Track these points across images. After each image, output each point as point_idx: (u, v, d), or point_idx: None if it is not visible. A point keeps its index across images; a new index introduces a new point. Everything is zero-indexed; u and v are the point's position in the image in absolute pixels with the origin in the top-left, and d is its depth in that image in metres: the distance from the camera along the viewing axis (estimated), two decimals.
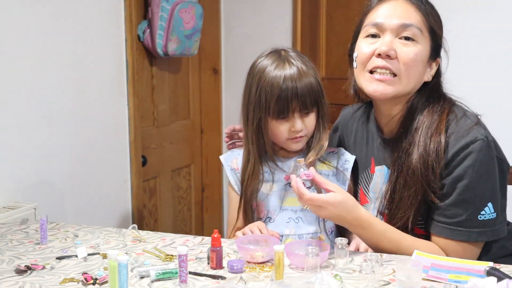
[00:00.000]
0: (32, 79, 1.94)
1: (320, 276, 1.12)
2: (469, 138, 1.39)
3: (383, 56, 1.43)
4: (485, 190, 1.39)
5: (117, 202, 2.43)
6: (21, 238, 1.58)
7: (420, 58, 1.44)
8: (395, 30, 1.43)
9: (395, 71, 1.43)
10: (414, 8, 1.45)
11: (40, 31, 1.96)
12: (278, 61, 1.54)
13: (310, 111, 1.54)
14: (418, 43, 1.44)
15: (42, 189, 1.98)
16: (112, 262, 1.15)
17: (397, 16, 1.44)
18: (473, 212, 1.38)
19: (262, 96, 1.52)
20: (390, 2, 1.47)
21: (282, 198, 1.59)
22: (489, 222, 1.38)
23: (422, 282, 1.18)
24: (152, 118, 2.81)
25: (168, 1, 2.63)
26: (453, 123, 1.43)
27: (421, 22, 1.44)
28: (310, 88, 1.52)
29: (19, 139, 1.89)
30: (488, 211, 1.38)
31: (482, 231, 1.38)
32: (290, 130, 1.54)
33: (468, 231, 1.38)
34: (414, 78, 1.45)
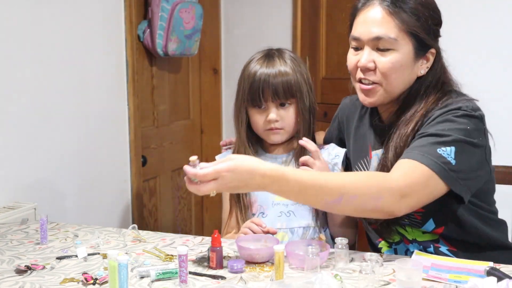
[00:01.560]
0: (32, 79, 1.94)
1: (320, 276, 1.12)
2: (452, 106, 1.42)
3: (362, 69, 1.48)
4: (455, 135, 1.37)
5: (117, 202, 2.43)
6: (21, 238, 1.58)
7: (399, 64, 1.46)
8: (371, 43, 1.47)
9: (376, 81, 1.48)
10: (388, 16, 1.45)
11: (40, 31, 1.96)
12: (264, 58, 1.64)
13: (286, 103, 1.61)
14: (395, 50, 1.45)
15: (42, 189, 1.98)
16: (112, 262, 1.15)
17: (371, 28, 1.46)
18: (434, 143, 1.36)
19: (241, 86, 1.65)
20: (367, 9, 1.48)
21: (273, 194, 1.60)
22: (446, 161, 1.34)
23: (422, 282, 1.18)
24: (152, 118, 2.81)
25: (168, 1, 2.63)
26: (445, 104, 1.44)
27: (395, 29, 1.44)
28: (285, 80, 1.59)
29: (19, 139, 1.89)
30: (448, 151, 1.35)
31: (437, 162, 1.34)
32: (266, 120, 1.61)
33: (422, 154, 1.35)
34: (397, 83, 1.48)
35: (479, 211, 1.50)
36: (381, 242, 1.58)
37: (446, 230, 1.47)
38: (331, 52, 2.97)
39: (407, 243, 1.52)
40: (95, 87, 2.25)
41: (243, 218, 1.64)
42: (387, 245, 1.57)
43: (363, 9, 1.50)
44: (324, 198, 1.30)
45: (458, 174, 1.36)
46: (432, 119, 1.43)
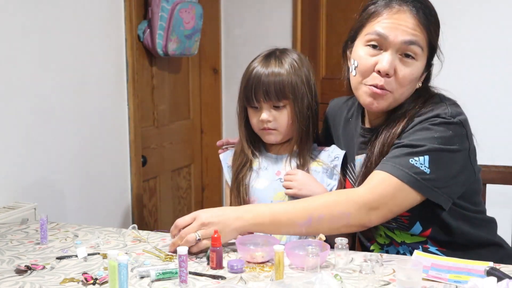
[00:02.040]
0: (32, 79, 1.94)
1: (320, 276, 1.12)
2: (430, 114, 1.41)
3: (382, 74, 1.42)
4: (429, 144, 1.36)
5: (117, 202, 2.43)
6: (21, 238, 1.58)
7: (416, 75, 1.45)
8: (397, 46, 1.41)
9: (390, 89, 1.43)
10: (419, 24, 1.41)
11: (40, 31, 1.96)
12: (264, 57, 1.64)
13: (279, 104, 1.60)
14: (417, 61, 1.43)
15: (42, 189, 1.98)
16: (112, 262, 1.15)
17: (402, 31, 1.40)
18: (406, 154, 1.37)
19: (240, 85, 1.66)
20: (397, 13, 1.42)
21: (273, 193, 1.64)
22: (417, 171, 1.35)
23: (422, 282, 1.18)
24: (152, 118, 2.81)
25: (168, 1, 2.63)
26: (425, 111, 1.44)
27: (424, 39, 1.42)
28: (279, 80, 1.59)
29: (19, 139, 1.89)
30: (421, 161, 1.36)
31: (407, 172, 1.35)
32: (259, 119, 1.62)
33: (393, 165, 1.37)
34: (407, 92, 1.47)
35: (465, 212, 1.49)
36: (373, 245, 1.59)
37: (433, 232, 1.47)
38: (331, 52, 2.98)
39: (397, 245, 1.53)
40: (95, 87, 2.25)
41: None
42: (379, 247, 1.57)
43: (389, 10, 1.43)
44: (295, 221, 1.38)
45: (433, 183, 1.37)
46: (410, 127, 1.43)
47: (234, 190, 1.68)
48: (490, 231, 1.58)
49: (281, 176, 1.65)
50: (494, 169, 1.83)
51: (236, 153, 1.71)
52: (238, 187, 1.67)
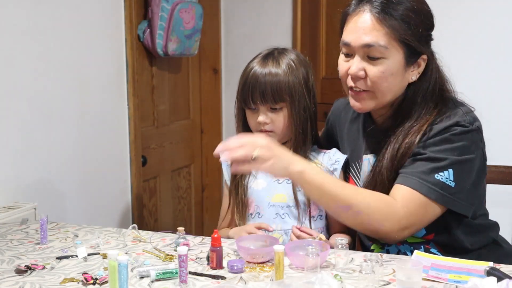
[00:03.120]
0: (32, 79, 1.94)
1: (320, 276, 1.13)
2: (450, 122, 1.42)
3: (353, 78, 1.47)
4: (451, 157, 1.39)
5: (117, 202, 2.43)
6: (21, 238, 1.58)
7: (390, 72, 1.45)
8: (361, 50, 1.45)
9: (368, 89, 1.47)
10: (378, 23, 1.43)
11: (40, 31, 1.96)
12: (262, 58, 1.63)
13: (276, 106, 1.59)
14: (386, 59, 1.44)
15: (42, 189, 1.98)
16: (112, 262, 1.15)
17: (361, 35, 1.44)
18: (431, 169, 1.39)
19: (238, 87, 1.64)
20: (357, 14, 1.46)
21: (270, 194, 1.64)
22: (444, 186, 1.38)
23: (422, 282, 1.18)
24: (152, 118, 2.81)
25: (168, 1, 2.63)
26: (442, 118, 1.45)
27: (386, 36, 1.42)
28: (275, 82, 1.57)
29: (19, 139, 1.89)
30: (446, 175, 1.38)
31: (435, 189, 1.38)
32: (256, 121, 1.61)
33: (420, 182, 1.39)
34: (388, 90, 1.47)
35: (469, 220, 1.50)
36: (373, 244, 1.59)
37: (436, 237, 1.49)
38: (331, 52, 2.97)
39: (398, 244, 1.53)
40: (95, 87, 2.25)
41: (241, 217, 1.66)
42: (379, 247, 1.57)
43: (353, 15, 1.47)
44: (336, 200, 1.38)
45: (458, 195, 1.40)
46: (431, 136, 1.43)
47: (232, 191, 1.68)
48: (492, 233, 1.58)
49: (279, 177, 1.64)
50: (494, 169, 1.83)
51: None
52: (236, 188, 1.67)
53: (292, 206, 1.61)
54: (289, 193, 1.62)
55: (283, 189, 1.63)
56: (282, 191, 1.63)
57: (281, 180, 1.64)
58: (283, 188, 1.64)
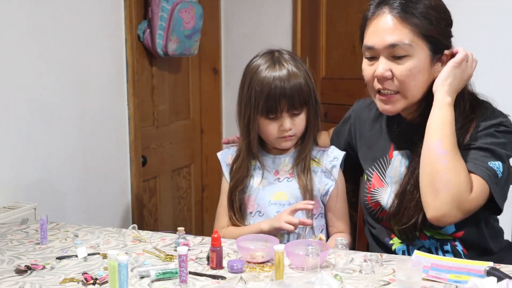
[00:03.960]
0: (32, 79, 1.94)
1: (320, 276, 1.13)
2: (495, 121, 1.46)
3: (380, 79, 1.47)
4: (501, 152, 1.42)
5: (117, 202, 2.43)
6: (21, 238, 1.58)
7: (417, 69, 1.45)
8: (385, 51, 1.46)
9: (396, 89, 1.47)
10: (400, 22, 1.44)
11: (40, 31, 1.96)
12: (270, 62, 1.61)
13: (299, 111, 1.61)
14: (412, 57, 1.45)
15: (42, 189, 1.98)
16: (112, 262, 1.15)
17: (384, 36, 1.45)
18: (484, 157, 1.41)
19: (252, 95, 1.60)
20: (377, 17, 1.47)
21: (271, 193, 1.64)
22: (495, 174, 1.40)
23: (422, 282, 1.18)
24: (152, 118, 2.81)
25: (168, 1, 2.63)
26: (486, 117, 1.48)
27: (409, 34, 1.44)
28: (299, 88, 1.58)
29: (19, 139, 1.89)
30: (497, 165, 1.41)
31: (487, 173, 1.39)
32: (279, 129, 1.61)
33: (475, 163, 1.40)
34: (417, 87, 1.48)
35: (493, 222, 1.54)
36: (393, 239, 1.57)
37: (465, 235, 1.48)
38: (331, 52, 2.97)
39: (424, 238, 1.51)
40: (95, 87, 2.25)
41: (240, 216, 1.66)
42: (399, 242, 1.56)
43: (373, 18, 1.49)
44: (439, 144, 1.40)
45: (502, 187, 1.43)
46: (478, 131, 1.45)
47: (234, 190, 1.68)
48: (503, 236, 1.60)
49: (279, 176, 1.66)
50: None
51: (235, 156, 1.71)
52: (237, 186, 1.67)
53: (293, 204, 1.60)
54: (290, 191, 1.63)
55: (284, 187, 1.64)
56: (283, 189, 1.63)
57: (282, 178, 1.65)
58: (284, 186, 1.64)
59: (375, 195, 1.59)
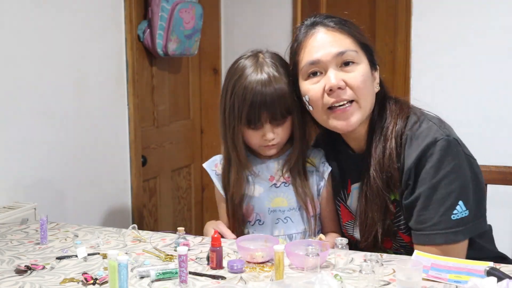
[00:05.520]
0: (32, 79, 1.94)
1: (320, 276, 1.12)
2: (428, 139, 1.39)
3: (334, 90, 1.42)
4: (453, 189, 1.37)
5: (117, 202, 2.43)
6: (21, 238, 1.58)
7: (367, 76, 1.45)
8: (333, 61, 1.43)
9: (351, 98, 1.43)
10: (340, 33, 1.45)
11: (40, 31, 1.96)
12: (253, 68, 1.53)
13: (282, 121, 1.54)
14: (359, 64, 1.45)
15: (42, 189, 1.98)
16: (112, 262, 1.15)
17: (329, 48, 1.44)
18: (445, 213, 1.37)
19: (235, 105, 1.53)
20: (314, 35, 1.46)
21: (270, 200, 1.61)
22: (463, 220, 1.37)
23: (422, 282, 1.17)
24: (152, 118, 2.81)
25: (168, 1, 2.63)
26: (412, 127, 1.43)
27: (351, 43, 1.45)
28: (280, 97, 1.50)
29: (19, 139, 1.89)
30: (460, 209, 1.37)
31: (458, 230, 1.37)
32: (262, 138, 1.55)
33: (444, 233, 1.37)
34: (369, 96, 1.46)
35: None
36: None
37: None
38: None
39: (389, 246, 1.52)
40: (95, 87, 2.25)
41: (240, 225, 1.62)
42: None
43: (308, 38, 1.47)
44: None
45: (475, 217, 1.40)
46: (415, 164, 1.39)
47: (230, 201, 1.62)
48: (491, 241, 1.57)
49: (275, 181, 1.61)
50: (494, 169, 1.83)
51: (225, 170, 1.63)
52: (233, 198, 1.61)
53: (294, 209, 1.59)
54: (289, 196, 1.60)
55: (282, 192, 1.60)
56: (281, 195, 1.60)
57: (278, 184, 1.61)
58: (282, 192, 1.60)
59: (348, 229, 1.61)
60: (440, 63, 2.59)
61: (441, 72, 2.59)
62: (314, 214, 1.61)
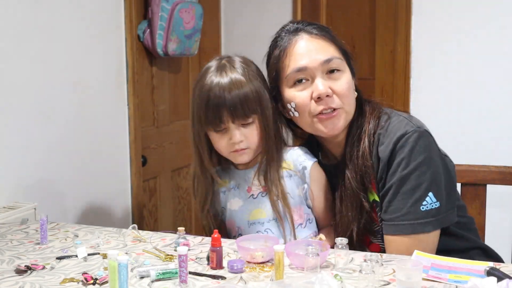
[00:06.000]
0: (32, 79, 1.94)
1: (320, 276, 1.12)
2: (400, 133, 1.41)
3: (323, 98, 1.44)
4: (423, 180, 1.39)
5: (117, 202, 2.43)
6: (21, 238, 1.58)
7: (351, 83, 1.49)
8: (320, 69, 1.45)
9: (339, 106, 1.46)
10: (324, 41, 1.47)
11: (40, 31, 1.96)
12: (214, 71, 1.50)
13: (247, 120, 1.47)
14: (344, 71, 1.47)
15: (42, 189, 1.98)
16: (112, 262, 1.15)
17: (315, 55, 1.45)
18: (414, 204, 1.39)
19: (197, 106, 1.49)
20: (299, 44, 1.47)
21: (248, 212, 1.57)
22: (432, 211, 1.39)
23: (422, 282, 1.17)
24: (152, 118, 2.81)
25: (168, 1, 2.63)
26: (383, 126, 1.45)
27: (336, 50, 1.48)
28: (243, 97, 1.44)
29: (19, 139, 1.89)
30: (430, 201, 1.38)
31: (427, 221, 1.38)
32: (229, 142, 1.48)
33: (411, 223, 1.39)
34: (353, 102, 1.50)
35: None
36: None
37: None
38: None
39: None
40: (95, 87, 2.25)
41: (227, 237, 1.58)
42: None
43: (292, 45, 1.48)
44: None
45: (446, 208, 1.41)
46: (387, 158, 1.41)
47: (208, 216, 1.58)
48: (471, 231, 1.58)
49: (253, 192, 1.56)
50: (494, 169, 1.83)
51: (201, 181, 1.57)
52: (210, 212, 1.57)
53: (275, 219, 1.53)
54: (267, 206, 1.54)
55: (260, 203, 1.55)
56: (259, 206, 1.55)
57: (256, 194, 1.56)
58: (260, 203, 1.55)
59: None
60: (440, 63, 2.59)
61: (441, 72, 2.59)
62: (302, 222, 1.55)
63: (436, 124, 2.53)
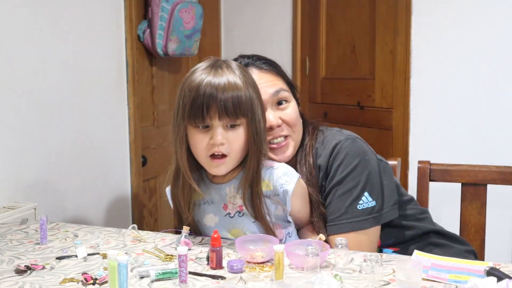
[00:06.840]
0: (32, 79, 1.94)
1: (320, 276, 1.12)
2: (334, 142, 1.52)
3: (274, 128, 1.53)
4: (358, 181, 1.48)
5: (117, 202, 2.43)
6: (21, 238, 1.58)
7: (297, 112, 1.58)
8: (270, 101, 1.53)
9: (287, 134, 1.56)
10: (272, 74, 1.57)
11: (40, 31, 1.96)
12: (209, 68, 1.41)
13: (235, 121, 1.37)
14: (291, 102, 1.57)
15: (42, 189, 1.98)
16: (112, 262, 1.15)
17: (266, 88, 1.53)
18: (351, 204, 1.48)
19: (181, 100, 1.39)
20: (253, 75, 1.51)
21: (227, 231, 1.50)
22: (368, 210, 1.48)
23: (422, 282, 1.18)
24: (152, 118, 2.81)
25: (168, 1, 2.63)
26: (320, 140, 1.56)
27: (283, 83, 1.57)
28: (235, 97, 1.35)
29: (19, 139, 1.89)
30: (366, 200, 1.48)
31: (364, 219, 1.47)
32: (209, 142, 1.37)
33: (350, 222, 1.47)
34: (300, 129, 1.60)
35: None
36: None
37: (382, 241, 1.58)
38: (331, 52, 2.98)
39: None
40: (95, 87, 2.25)
41: None
42: None
43: None
44: None
45: (383, 206, 1.50)
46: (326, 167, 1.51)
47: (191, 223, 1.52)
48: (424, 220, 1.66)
49: (229, 211, 1.48)
50: (495, 169, 1.83)
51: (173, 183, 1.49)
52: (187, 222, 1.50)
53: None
54: (246, 226, 1.47)
55: (239, 224, 1.48)
56: (238, 227, 1.48)
57: (232, 213, 1.48)
58: (238, 223, 1.48)
59: None
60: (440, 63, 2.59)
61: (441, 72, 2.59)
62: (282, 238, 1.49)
63: (436, 124, 2.53)
